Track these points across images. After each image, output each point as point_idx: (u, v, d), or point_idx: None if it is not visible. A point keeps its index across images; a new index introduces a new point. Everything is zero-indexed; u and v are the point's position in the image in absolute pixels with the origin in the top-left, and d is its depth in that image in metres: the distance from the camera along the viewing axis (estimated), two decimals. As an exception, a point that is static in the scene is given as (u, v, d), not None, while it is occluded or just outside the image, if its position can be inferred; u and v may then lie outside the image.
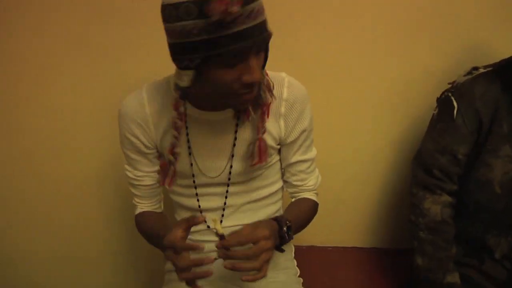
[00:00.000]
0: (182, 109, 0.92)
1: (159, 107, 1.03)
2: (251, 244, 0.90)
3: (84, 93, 1.55)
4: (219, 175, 1.10)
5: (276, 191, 1.22)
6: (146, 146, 1.08)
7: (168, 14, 0.81)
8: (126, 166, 1.15)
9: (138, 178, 1.14)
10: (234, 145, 1.07)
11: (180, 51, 0.83)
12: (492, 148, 1.17)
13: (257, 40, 0.81)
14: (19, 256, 1.82)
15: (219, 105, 1.01)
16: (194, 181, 1.11)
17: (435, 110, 1.29)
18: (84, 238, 1.79)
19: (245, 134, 1.07)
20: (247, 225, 0.93)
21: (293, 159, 1.14)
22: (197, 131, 1.05)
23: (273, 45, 0.91)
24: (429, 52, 1.48)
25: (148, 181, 1.15)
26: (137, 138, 1.06)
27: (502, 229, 1.21)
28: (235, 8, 0.74)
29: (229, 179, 1.11)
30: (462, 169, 1.23)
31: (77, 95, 1.55)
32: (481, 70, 1.24)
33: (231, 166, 1.09)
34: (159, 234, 0.96)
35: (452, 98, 1.23)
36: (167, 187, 1.07)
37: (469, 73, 1.26)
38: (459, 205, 1.26)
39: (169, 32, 0.84)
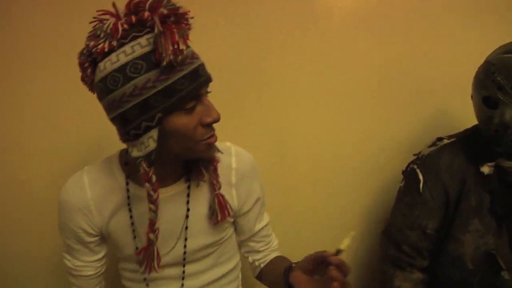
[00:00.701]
0: (154, 178, 0.85)
1: (102, 189, 0.97)
2: None
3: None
4: (171, 255, 1.01)
5: (234, 267, 1.14)
6: (88, 234, 1.00)
7: (112, 82, 0.78)
8: (65, 255, 1.05)
9: (78, 268, 1.04)
10: (187, 219, 0.99)
11: (134, 116, 0.79)
12: (461, 222, 1.13)
13: (207, 78, 0.84)
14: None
15: (174, 173, 0.97)
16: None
17: (401, 183, 1.26)
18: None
19: (198, 206, 1.00)
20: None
21: (256, 228, 1.11)
22: (143, 211, 0.96)
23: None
24: (396, 123, 1.49)
25: (88, 271, 1.05)
26: (79, 227, 0.98)
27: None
28: (182, 46, 0.76)
29: (184, 259, 1.03)
30: (432, 244, 1.18)
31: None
32: (445, 141, 1.23)
33: (185, 246, 1.01)
34: None
35: (418, 170, 1.20)
36: (155, 270, 0.95)
37: (433, 144, 1.25)
38: (433, 281, 1.20)
39: (115, 103, 0.79)
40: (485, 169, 1.12)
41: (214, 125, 0.88)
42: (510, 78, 1.02)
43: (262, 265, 1.15)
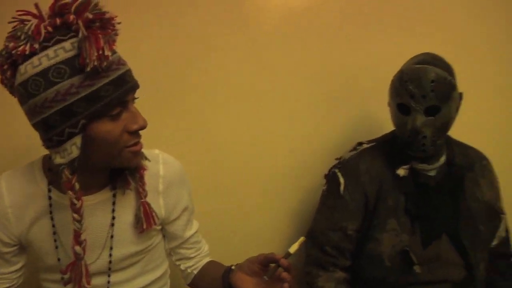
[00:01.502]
0: (77, 186, 0.83)
1: (22, 196, 0.93)
2: None
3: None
4: (96, 264, 0.98)
5: (162, 275, 1.12)
6: (5, 244, 0.95)
7: (33, 86, 0.76)
8: None
9: None
10: (113, 227, 0.97)
11: (57, 122, 0.77)
12: (379, 222, 1.20)
13: (134, 84, 0.84)
14: None
15: (100, 180, 0.94)
16: (63, 277, 0.96)
17: (324, 187, 1.31)
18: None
19: (125, 215, 0.98)
20: None
21: (186, 235, 1.11)
22: (66, 220, 0.92)
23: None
24: (324, 128, 1.54)
25: (3, 283, 0.99)
26: None
27: (396, 302, 1.21)
28: (108, 52, 0.75)
29: (109, 268, 1.00)
30: (353, 244, 1.24)
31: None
32: (365, 146, 1.30)
33: (110, 255, 0.98)
34: None
35: (339, 174, 1.26)
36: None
37: (354, 148, 1.31)
38: (355, 281, 1.25)
39: (37, 108, 0.77)
40: (401, 172, 1.21)
41: (142, 132, 0.87)
42: (420, 87, 1.10)
43: (195, 271, 1.15)
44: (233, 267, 0.99)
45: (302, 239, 0.88)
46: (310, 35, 1.50)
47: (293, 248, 0.88)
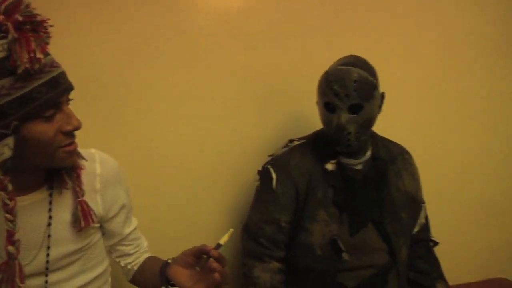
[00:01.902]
0: (10, 186, 0.82)
1: None
2: None
3: None
4: (33, 265, 0.97)
5: (102, 272, 1.13)
6: None
7: None
8: None
9: None
10: (49, 227, 0.97)
11: None
12: (309, 214, 1.28)
13: (68, 86, 0.84)
14: None
15: (35, 180, 0.93)
16: None
17: (257, 182, 1.37)
18: None
19: (62, 214, 0.98)
20: None
21: (125, 232, 1.13)
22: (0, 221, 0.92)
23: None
24: (258, 126, 1.59)
25: None
26: None
27: (327, 289, 1.29)
28: (39, 55, 0.75)
29: (47, 268, 0.99)
30: (287, 236, 1.30)
31: None
32: (296, 143, 1.37)
33: (48, 255, 0.97)
34: None
35: (271, 170, 1.33)
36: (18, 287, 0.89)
37: (286, 145, 1.38)
38: (290, 272, 1.32)
39: None
40: (329, 166, 1.29)
41: (80, 132, 0.88)
42: (344, 87, 1.19)
43: (135, 268, 1.17)
44: (169, 261, 1.01)
45: (231, 230, 0.92)
46: (242, 36, 1.55)
47: (223, 240, 0.91)
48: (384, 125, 1.69)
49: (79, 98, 0.92)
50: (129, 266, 1.17)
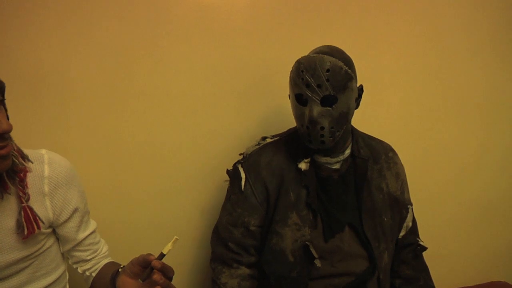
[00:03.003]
0: None
1: None
2: None
3: None
4: None
5: (56, 280, 1.06)
6: None
7: None
8: None
9: None
10: None
11: None
12: (280, 217, 1.18)
13: None
14: None
15: None
16: None
17: (228, 182, 1.28)
18: None
19: (5, 220, 0.92)
20: None
21: (80, 237, 1.07)
22: None
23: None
24: (234, 124, 1.52)
25: None
26: None
27: (300, 297, 1.20)
28: None
29: None
30: (257, 240, 1.22)
31: None
32: (268, 140, 1.28)
33: None
34: None
35: (241, 169, 1.24)
36: None
37: (258, 143, 1.29)
38: (262, 277, 1.23)
39: None
40: (302, 166, 1.19)
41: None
42: (315, 77, 1.08)
43: (93, 274, 1.11)
44: (120, 270, 0.96)
45: (174, 238, 0.85)
46: (220, 31, 1.47)
47: (166, 249, 0.85)
48: (374, 122, 1.63)
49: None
50: (87, 273, 1.11)
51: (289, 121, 1.41)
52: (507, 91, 1.87)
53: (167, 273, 0.85)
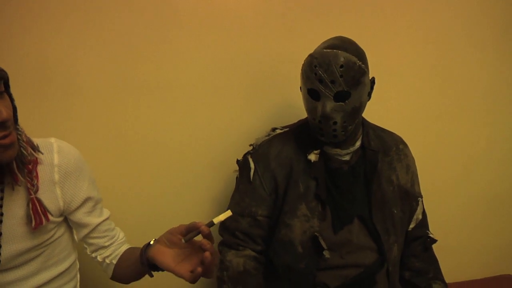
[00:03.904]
0: None
1: None
2: None
3: None
4: None
5: (68, 268, 1.07)
6: None
7: None
8: None
9: None
10: (1, 224, 0.91)
11: None
12: (289, 208, 1.18)
13: None
14: None
15: None
16: None
17: (237, 172, 1.28)
18: None
19: (16, 210, 0.92)
20: None
21: (96, 221, 1.06)
22: None
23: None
24: (243, 117, 1.52)
25: None
26: None
27: (308, 288, 1.20)
28: None
29: None
30: (264, 230, 1.22)
31: None
32: (278, 131, 1.27)
33: None
34: None
35: (250, 159, 1.23)
36: None
37: (268, 134, 1.28)
38: (270, 268, 1.23)
39: None
40: (312, 157, 1.19)
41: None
42: (329, 72, 1.07)
43: (114, 261, 1.09)
44: (151, 242, 0.94)
45: (228, 212, 0.84)
46: (228, 23, 1.46)
47: (217, 219, 0.84)
48: (382, 114, 1.61)
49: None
50: (107, 260, 1.09)
51: (299, 114, 1.41)
52: (516, 84, 1.85)
53: (211, 241, 0.84)
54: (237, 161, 1.29)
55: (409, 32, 1.66)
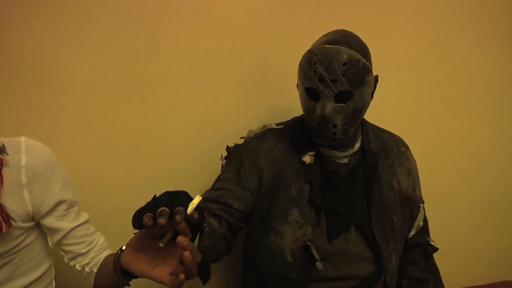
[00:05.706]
0: None
1: None
2: None
3: None
4: None
5: (40, 277, 0.99)
6: None
7: None
8: None
9: None
10: None
11: None
12: (280, 214, 1.09)
13: None
14: None
15: None
16: None
17: (223, 161, 1.20)
18: None
19: None
20: None
21: (69, 226, 0.98)
22: None
23: None
24: (237, 114, 1.46)
25: None
26: None
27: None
28: None
29: None
30: (235, 220, 1.11)
31: None
32: (271, 127, 1.19)
33: None
34: None
35: (240, 150, 1.15)
36: None
37: (262, 127, 1.20)
38: (255, 277, 1.15)
39: None
40: (306, 159, 1.10)
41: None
42: (330, 70, 0.97)
43: (94, 269, 1.00)
44: (123, 247, 0.83)
45: (198, 197, 0.73)
46: (221, 18, 1.39)
47: (189, 209, 0.71)
48: (380, 114, 1.54)
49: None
50: (86, 269, 1.00)
51: (294, 112, 1.34)
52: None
53: (187, 235, 0.73)
54: (227, 147, 1.20)
55: (409, 31, 1.60)
